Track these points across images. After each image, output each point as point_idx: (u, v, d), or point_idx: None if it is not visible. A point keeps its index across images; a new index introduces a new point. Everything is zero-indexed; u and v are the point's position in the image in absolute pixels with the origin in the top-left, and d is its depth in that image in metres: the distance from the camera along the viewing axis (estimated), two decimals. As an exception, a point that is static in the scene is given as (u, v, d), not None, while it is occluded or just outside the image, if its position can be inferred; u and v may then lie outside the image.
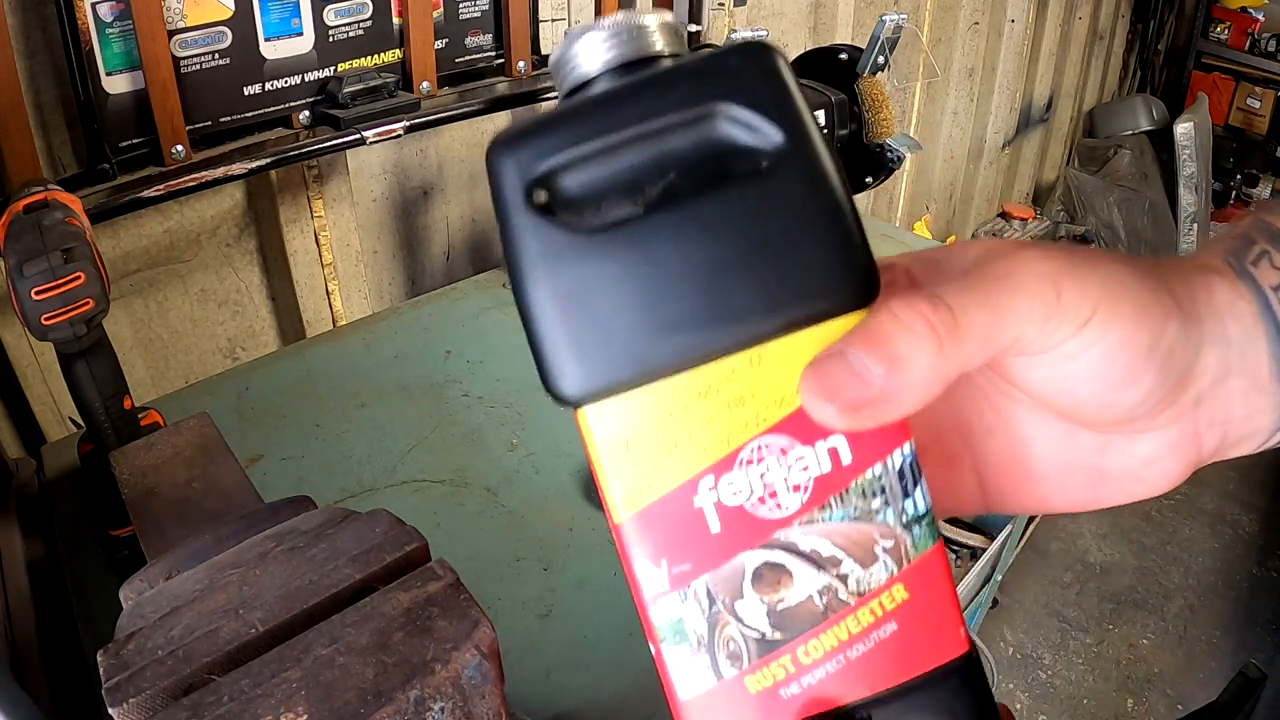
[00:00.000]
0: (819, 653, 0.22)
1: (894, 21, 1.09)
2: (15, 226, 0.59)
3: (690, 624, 0.23)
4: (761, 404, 0.22)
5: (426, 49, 1.03)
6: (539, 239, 0.22)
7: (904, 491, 0.22)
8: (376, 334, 1.00)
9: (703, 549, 0.22)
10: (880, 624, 0.22)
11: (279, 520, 0.45)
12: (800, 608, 0.22)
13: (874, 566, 0.22)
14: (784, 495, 0.22)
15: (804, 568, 0.22)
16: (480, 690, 0.35)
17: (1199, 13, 3.07)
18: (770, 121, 0.22)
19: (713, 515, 0.22)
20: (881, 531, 0.22)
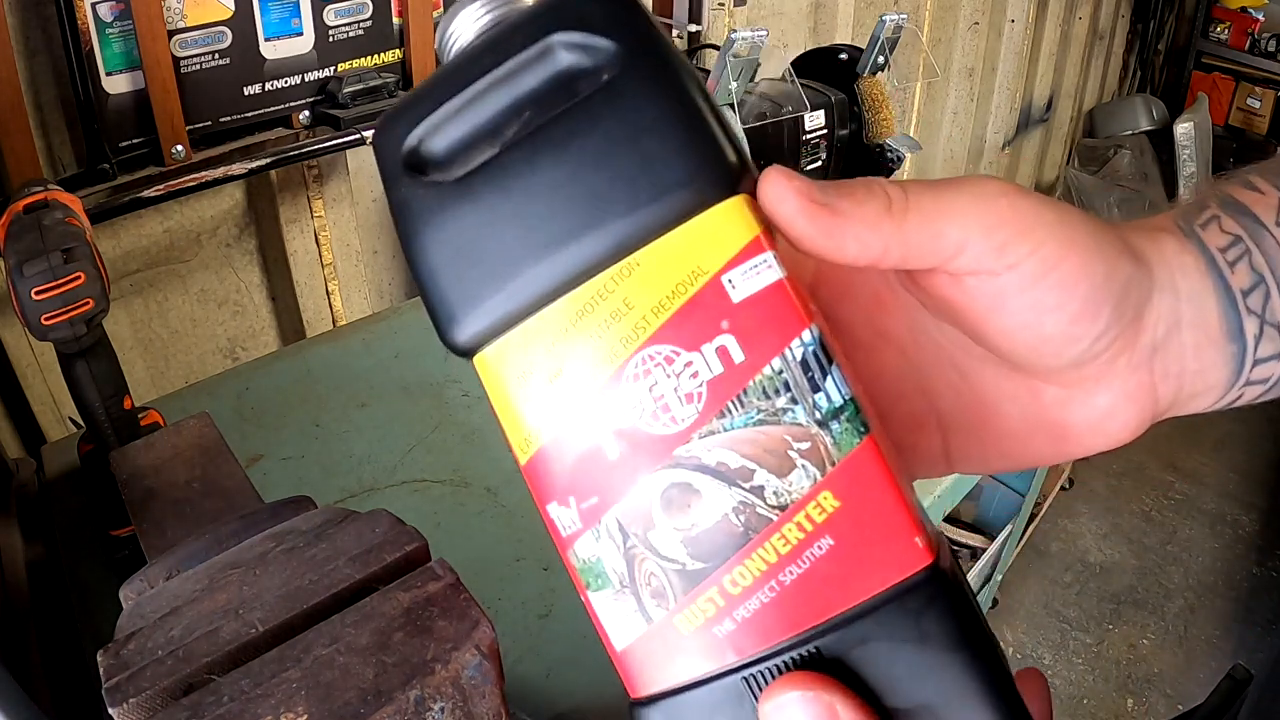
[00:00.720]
0: (748, 579, 0.20)
1: (894, 21, 1.09)
2: (15, 226, 0.59)
3: (609, 563, 0.21)
4: (640, 314, 0.21)
5: (426, 49, 1.03)
6: (416, 200, 0.22)
7: (812, 385, 0.20)
8: (376, 334, 1.00)
9: (606, 479, 0.21)
10: (812, 540, 0.20)
11: (279, 520, 0.45)
12: (717, 530, 0.20)
13: (792, 474, 0.20)
14: (677, 407, 0.20)
15: (713, 484, 0.20)
16: (480, 690, 0.35)
17: (1199, 13, 3.07)
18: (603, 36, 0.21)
19: (610, 440, 0.21)
20: (793, 433, 0.20)
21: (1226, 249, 0.27)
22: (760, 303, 0.20)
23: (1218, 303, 0.26)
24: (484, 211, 0.21)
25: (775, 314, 0.20)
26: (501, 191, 0.21)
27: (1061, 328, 0.23)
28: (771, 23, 1.64)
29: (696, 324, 0.20)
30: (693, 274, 0.20)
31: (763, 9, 1.61)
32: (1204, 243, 0.27)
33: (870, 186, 0.22)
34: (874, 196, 0.22)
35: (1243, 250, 0.27)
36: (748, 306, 0.20)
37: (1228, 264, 0.27)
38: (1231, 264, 0.27)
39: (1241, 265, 0.27)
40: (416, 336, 1.00)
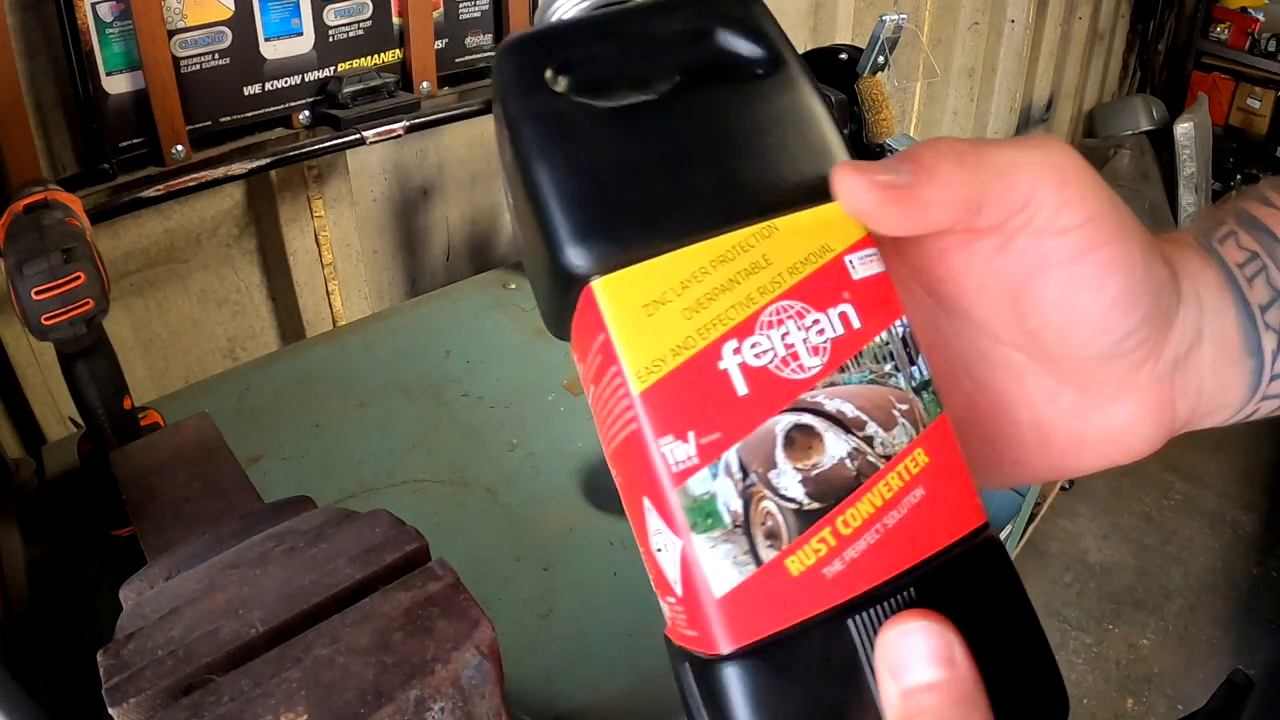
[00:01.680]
0: (858, 521, 0.21)
1: (894, 21, 1.09)
2: (15, 226, 0.59)
3: (723, 500, 0.21)
4: (777, 270, 0.22)
5: (426, 49, 1.03)
6: (554, 116, 0.23)
7: (909, 358, 0.23)
8: (376, 334, 1.00)
9: (732, 415, 0.21)
10: (910, 489, 0.22)
11: (279, 520, 0.45)
12: (834, 472, 0.21)
13: (895, 429, 0.22)
14: (805, 357, 0.22)
15: (833, 430, 0.22)
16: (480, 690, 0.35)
17: (1199, 13, 3.07)
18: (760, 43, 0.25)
19: (739, 378, 0.21)
20: (897, 395, 0.22)
21: (1244, 264, 0.27)
22: (873, 285, 0.23)
23: (1237, 318, 0.26)
24: (636, 144, 0.23)
25: (883, 296, 0.23)
26: (659, 131, 0.23)
27: (1097, 312, 0.24)
28: (771, 23, 1.64)
29: (825, 289, 0.23)
30: (822, 248, 0.23)
31: (763, 9, 1.61)
32: (1223, 258, 0.27)
33: (937, 148, 0.23)
34: (942, 157, 0.23)
35: (1260, 266, 0.27)
36: (864, 285, 0.23)
37: (1246, 279, 0.27)
38: (1250, 279, 0.27)
39: (1259, 280, 0.27)
40: (416, 336, 1.00)
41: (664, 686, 0.58)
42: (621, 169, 0.22)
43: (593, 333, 0.22)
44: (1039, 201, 0.23)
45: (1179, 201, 2.78)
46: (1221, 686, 0.59)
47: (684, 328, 0.22)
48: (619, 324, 0.22)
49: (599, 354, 0.22)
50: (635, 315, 0.22)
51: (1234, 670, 0.60)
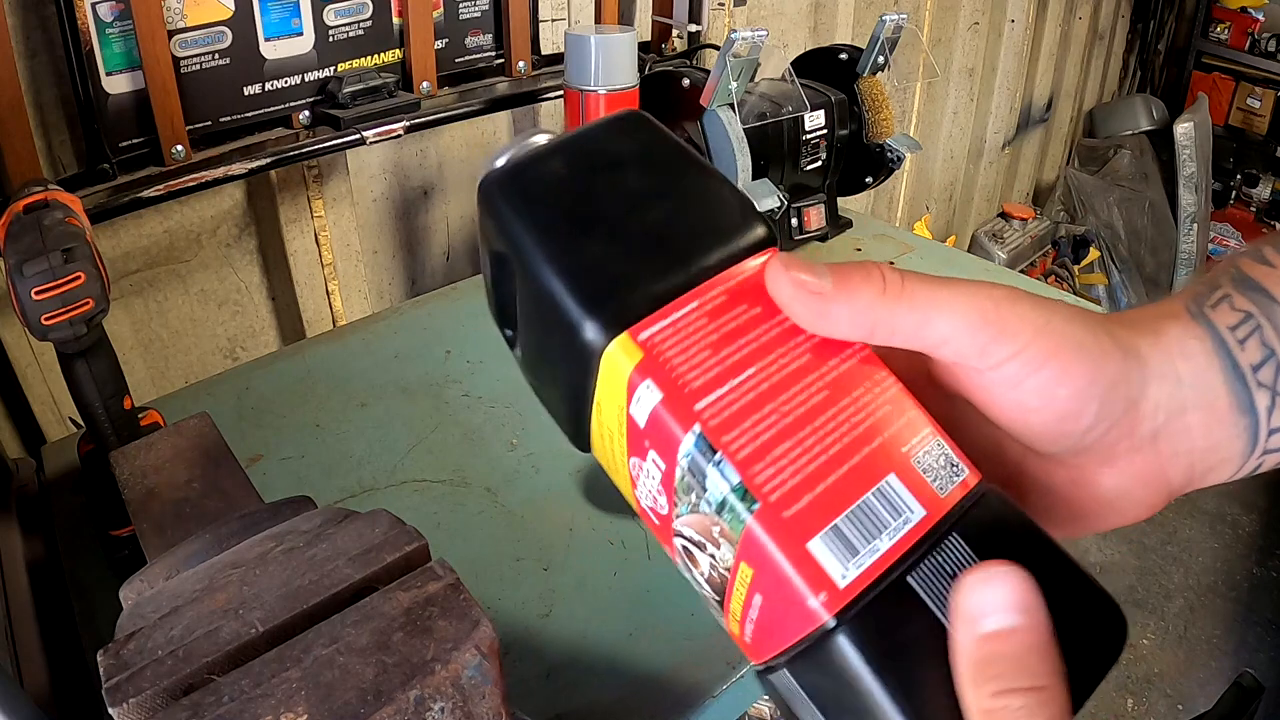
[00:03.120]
0: (738, 615, 0.24)
1: (894, 21, 1.09)
2: (15, 226, 0.59)
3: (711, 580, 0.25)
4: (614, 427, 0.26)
5: (426, 49, 1.03)
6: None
7: (701, 485, 0.24)
8: (376, 334, 1.00)
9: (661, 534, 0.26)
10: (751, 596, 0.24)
11: (279, 520, 0.45)
12: (710, 581, 0.25)
13: (723, 549, 0.24)
14: (658, 499, 0.25)
15: (696, 550, 0.25)
16: (480, 690, 0.35)
17: (1199, 13, 3.07)
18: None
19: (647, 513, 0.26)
20: (710, 520, 0.24)
21: (1236, 327, 0.28)
22: (655, 422, 0.24)
23: (1225, 381, 0.27)
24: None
25: (663, 430, 0.24)
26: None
27: (1049, 425, 0.25)
28: (771, 23, 1.64)
29: (635, 442, 0.25)
30: (620, 408, 0.25)
31: (763, 9, 1.61)
32: (1213, 324, 0.28)
33: (868, 272, 0.25)
34: (869, 282, 0.24)
35: (1254, 326, 0.28)
36: (650, 427, 0.24)
37: (1238, 342, 0.27)
38: (1242, 341, 0.27)
39: (1252, 341, 0.27)
40: (416, 336, 1.00)
41: (664, 686, 0.58)
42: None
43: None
44: (958, 343, 0.24)
45: (1179, 201, 2.78)
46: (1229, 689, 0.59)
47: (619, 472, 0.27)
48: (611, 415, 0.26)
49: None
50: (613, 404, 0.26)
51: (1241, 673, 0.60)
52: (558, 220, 0.26)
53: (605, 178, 0.27)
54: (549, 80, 1.15)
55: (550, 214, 0.27)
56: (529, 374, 0.30)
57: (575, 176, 0.28)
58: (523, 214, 0.27)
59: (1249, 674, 0.60)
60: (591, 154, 0.28)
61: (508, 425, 0.84)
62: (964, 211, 2.63)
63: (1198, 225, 2.78)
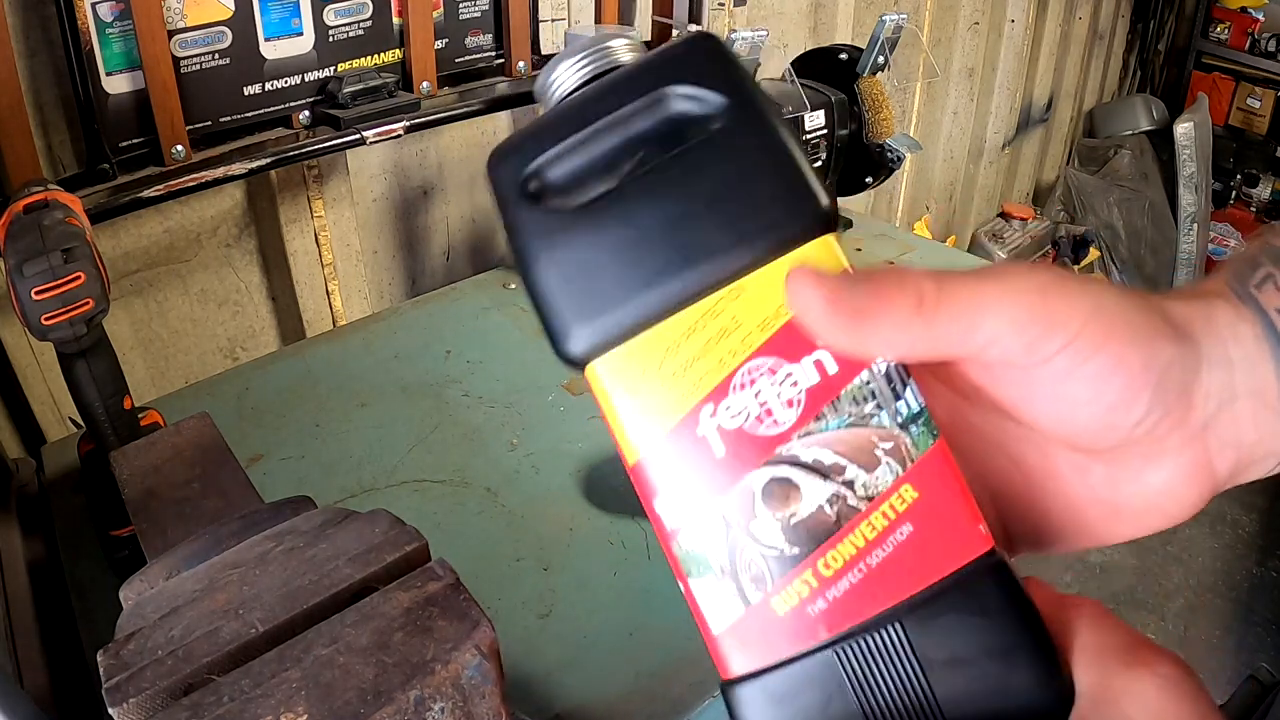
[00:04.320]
0: (839, 563, 0.23)
1: (894, 21, 1.09)
2: (15, 226, 0.59)
3: (712, 553, 0.23)
4: (746, 331, 0.24)
5: (426, 49, 1.03)
6: (534, 225, 0.25)
7: (894, 394, 0.23)
8: (376, 334, 1.00)
9: (712, 475, 0.23)
10: (895, 526, 0.23)
11: (279, 520, 0.45)
12: (813, 519, 0.23)
13: (878, 469, 0.23)
14: (779, 411, 0.23)
15: (809, 479, 0.23)
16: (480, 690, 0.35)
17: (1199, 13, 3.07)
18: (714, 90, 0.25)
19: (716, 441, 0.23)
20: (880, 434, 0.23)
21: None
22: None
23: (1274, 366, 0.25)
24: (603, 237, 0.24)
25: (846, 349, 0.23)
26: (621, 220, 0.24)
27: (1097, 418, 0.23)
28: (771, 23, 1.64)
29: (796, 340, 0.23)
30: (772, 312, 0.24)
31: (763, 9, 1.61)
32: (1261, 305, 0.25)
33: (903, 283, 0.22)
34: (905, 294, 0.22)
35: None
36: None
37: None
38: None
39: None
40: (416, 336, 1.00)
41: (664, 686, 0.58)
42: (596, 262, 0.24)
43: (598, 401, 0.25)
44: (1005, 343, 0.22)
45: (1179, 201, 2.78)
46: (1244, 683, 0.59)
47: (664, 400, 0.24)
48: (607, 405, 0.24)
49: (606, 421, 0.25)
50: (623, 395, 0.24)
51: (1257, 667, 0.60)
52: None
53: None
54: (549, 80, 1.15)
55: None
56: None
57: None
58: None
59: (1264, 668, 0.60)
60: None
61: (508, 425, 0.84)
62: (964, 211, 2.63)
63: (1198, 225, 2.78)
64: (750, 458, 0.23)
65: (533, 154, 0.25)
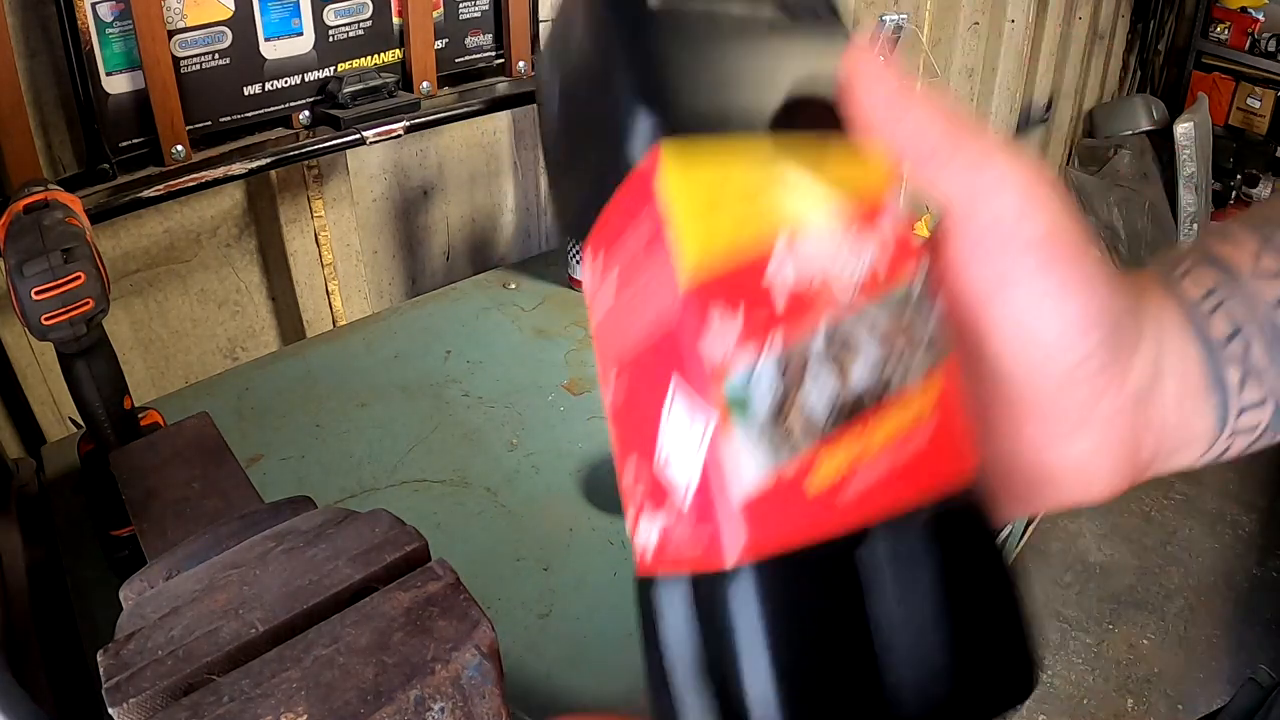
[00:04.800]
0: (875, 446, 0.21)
1: (894, 21, 1.09)
2: (15, 226, 0.59)
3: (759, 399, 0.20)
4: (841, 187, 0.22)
5: (426, 49, 1.03)
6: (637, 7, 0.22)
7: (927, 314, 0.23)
8: (376, 334, 1.00)
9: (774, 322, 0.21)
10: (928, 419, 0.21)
11: (279, 520, 0.45)
12: (864, 387, 0.21)
13: (919, 354, 0.22)
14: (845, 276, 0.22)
15: (868, 345, 0.21)
16: (480, 690, 0.35)
17: (1199, 13, 3.07)
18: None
19: (782, 289, 0.21)
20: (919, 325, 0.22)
21: (1202, 300, 0.28)
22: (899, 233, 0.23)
23: (1198, 352, 0.26)
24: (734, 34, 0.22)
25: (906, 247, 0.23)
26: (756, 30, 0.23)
27: (1054, 331, 0.24)
28: (771, 23, 1.64)
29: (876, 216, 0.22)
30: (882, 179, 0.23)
31: (763, 9, 1.61)
32: (1182, 293, 0.28)
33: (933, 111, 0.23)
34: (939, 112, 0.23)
35: (1219, 300, 0.27)
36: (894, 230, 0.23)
37: (1205, 315, 0.27)
38: (1208, 314, 0.27)
39: (1218, 315, 0.27)
40: (416, 336, 1.00)
41: (664, 686, 0.58)
42: (711, 48, 0.21)
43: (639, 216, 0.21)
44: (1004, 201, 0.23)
45: (1179, 201, 2.78)
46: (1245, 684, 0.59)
47: (742, 225, 0.21)
48: (682, 208, 0.20)
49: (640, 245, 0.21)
50: (697, 203, 0.20)
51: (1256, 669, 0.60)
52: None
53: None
54: (549, 80, 1.15)
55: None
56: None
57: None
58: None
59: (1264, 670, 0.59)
60: None
61: (508, 425, 0.84)
62: (964, 211, 2.63)
63: (1198, 225, 2.78)
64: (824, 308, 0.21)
65: None
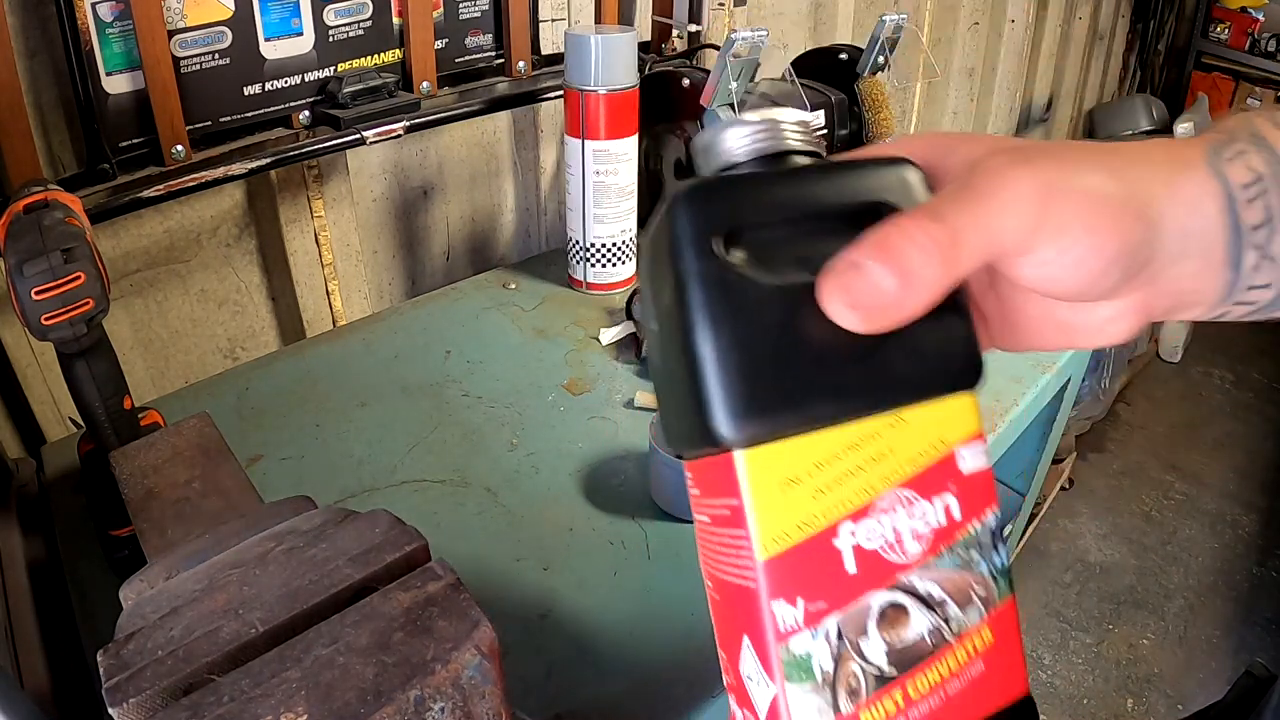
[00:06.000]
0: (925, 688, 0.25)
1: (894, 21, 1.09)
2: (15, 226, 0.59)
3: (817, 660, 0.24)
4: (899, 460, 0.25)
5: (426, 49, 1.03)
6: (721, 286, 0.24)
7: (994, 547, 0.26)
8: (376, 334, 1.00)
9: (838, 589, 0.24)
10: (972, 662, 0.25)
11: (279, 520, 0.45)
12: (914, 646, 0.25)
13: (969, 610, 0.26)
14: (909, 543, 0.25)
15: (919, 609, 0.25)
16: (480, 690, 0.35)
17: (1199, 13, 3.07)
18: None
19: (850, 558, 0.25)
20: (977, 580, 0.26)
21: (1249, 185, 0.29)
22: (976, 478, 0.26)
23: (1224, 236, 0.29)
24: (794, 327, 0.24)
25: (982, 489, 0.26)
26: (813, 316, 0.24)
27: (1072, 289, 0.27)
28: (771, 23, 1.64)
29: (935, 480, 0.26)
30: (940, 441, 0.26)
31: (763, 9, 1.61)
32: (1228, 180, 0.29)
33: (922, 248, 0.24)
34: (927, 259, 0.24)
35: (1261, 189, 0.29)
36: (969, 479, 0.26)
37: (1246, 201, 0.29)
38: (1250, 200, 0.29)
39: (1257, 203, 0.29)
40: (416, 336, 1.00)
41: (664, 686, 0.58)
42: (778, 348, 0.24)
43: (724, 488, 0.25)
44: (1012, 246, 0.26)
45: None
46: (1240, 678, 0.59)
47: (810, 507, 0.24)
48: (756, 497, 0.24)
49: (727, 509, 0.25)
50: (770, 490, 0.24)
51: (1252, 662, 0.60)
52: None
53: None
54: (549, 80, 1.15)
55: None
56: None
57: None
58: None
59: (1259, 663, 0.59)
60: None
61: (508, 425, 0.84)
62: (964, 211, 2.62)
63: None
64: (877, 579, 0.25)
65: (735, 209, 0.25)
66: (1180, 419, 2.71)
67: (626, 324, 0.95)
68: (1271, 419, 2.70)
